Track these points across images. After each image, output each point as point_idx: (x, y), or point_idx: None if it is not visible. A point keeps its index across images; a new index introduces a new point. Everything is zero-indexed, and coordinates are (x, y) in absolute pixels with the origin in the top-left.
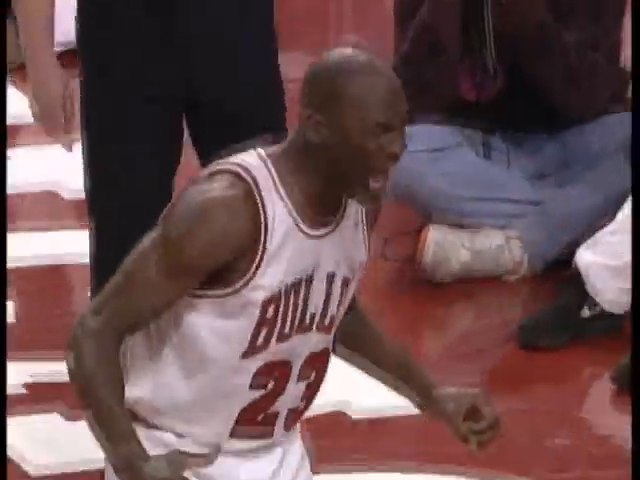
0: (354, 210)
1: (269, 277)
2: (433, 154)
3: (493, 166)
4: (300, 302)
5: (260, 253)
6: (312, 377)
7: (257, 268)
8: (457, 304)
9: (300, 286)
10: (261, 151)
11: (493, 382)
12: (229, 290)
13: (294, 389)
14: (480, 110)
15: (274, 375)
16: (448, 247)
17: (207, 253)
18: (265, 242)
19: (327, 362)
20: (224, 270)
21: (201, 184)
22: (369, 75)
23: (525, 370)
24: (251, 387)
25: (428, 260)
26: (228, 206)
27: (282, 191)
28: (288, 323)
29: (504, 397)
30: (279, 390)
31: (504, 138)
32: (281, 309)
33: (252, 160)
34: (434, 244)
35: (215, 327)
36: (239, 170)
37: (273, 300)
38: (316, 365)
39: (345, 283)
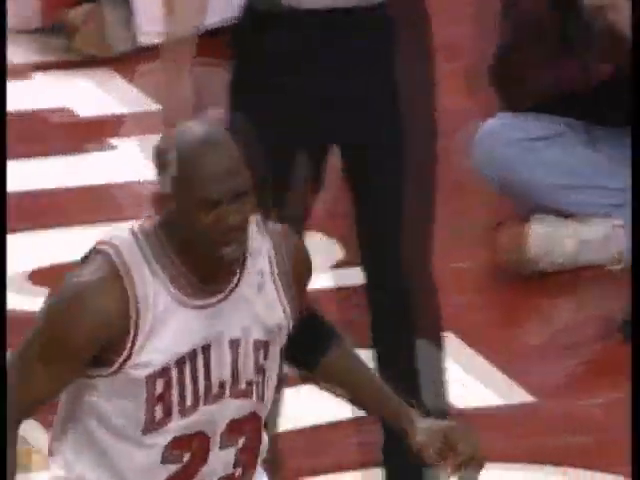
0: (257, 272)
1: (148, 354)
2: (533, 143)
3: (596, 155)
4: (200, 373)
5: (133, 332)
6: (241, 443)
7: (132, 347)
8: (561, 295)
9: (195, 357)
10: (135, 227)
11: (595, 373)
12: (111, 370)
13: (219, 457)
14: (584, 99)
15: (190, 447)
16: (552, 238)
17: (78, 341)
18: (138, 321)
19: (257, 425)
20: (103, 351)
21: (75, 269)
22: (198, 151)
23: (628, 362)
24: (163, 462)
25: (532, 251)
26: (94, 291)
27: (156, 267)
28: (189, 395)
29: (606, 389)
30: (199, 461)
31: (607, 128)
32: (174, 383)
33: (123, 239)
34: (538, 235)
35: (111, 405)
36: (109, 251)
37: (160, 375)
38: (243, 430)
39: (261, 346)
